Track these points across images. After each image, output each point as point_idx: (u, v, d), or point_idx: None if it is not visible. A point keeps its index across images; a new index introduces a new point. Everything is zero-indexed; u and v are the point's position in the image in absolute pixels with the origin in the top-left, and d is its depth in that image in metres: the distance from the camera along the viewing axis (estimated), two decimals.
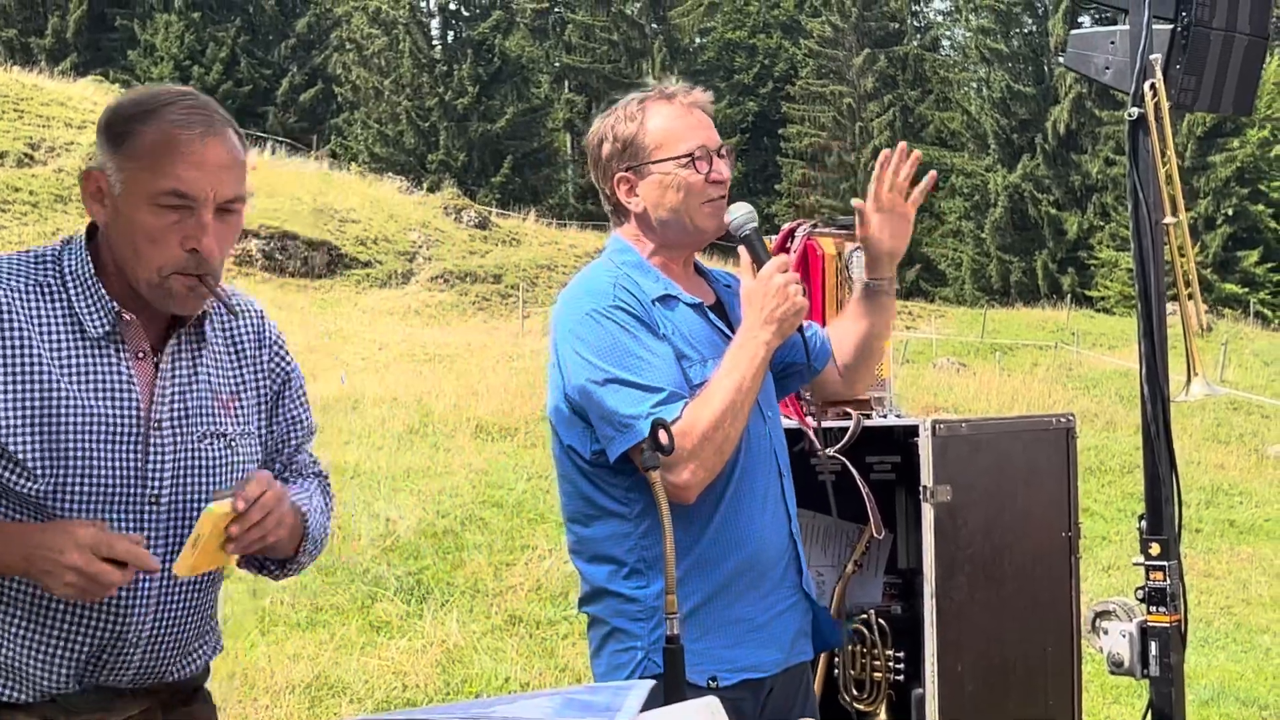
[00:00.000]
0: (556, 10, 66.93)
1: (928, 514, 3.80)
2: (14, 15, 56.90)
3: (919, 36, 68.19)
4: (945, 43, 70.65)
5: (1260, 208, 52.48)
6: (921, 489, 3.82)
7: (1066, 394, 25.83)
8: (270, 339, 2.96)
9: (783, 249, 4.06)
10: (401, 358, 23.80)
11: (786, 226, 4.03)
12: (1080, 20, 50.96)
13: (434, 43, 61.44)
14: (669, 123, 3.17)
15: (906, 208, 3.40)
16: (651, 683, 2.26)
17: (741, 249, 3.13)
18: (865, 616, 4.06)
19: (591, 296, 3.10)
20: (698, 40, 66.00)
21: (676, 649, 2.54)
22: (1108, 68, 4.51)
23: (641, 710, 2.13)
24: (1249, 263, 52.63)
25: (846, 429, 3.86)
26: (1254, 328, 46.18)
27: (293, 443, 3.03)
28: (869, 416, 3.96)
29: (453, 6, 62.68)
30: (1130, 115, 4.37)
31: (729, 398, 2.97)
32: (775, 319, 3.02)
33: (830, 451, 3.84)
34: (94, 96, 37.81)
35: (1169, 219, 4.38)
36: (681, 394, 3.01)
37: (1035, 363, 30.18)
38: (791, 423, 3.92)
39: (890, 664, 4.02)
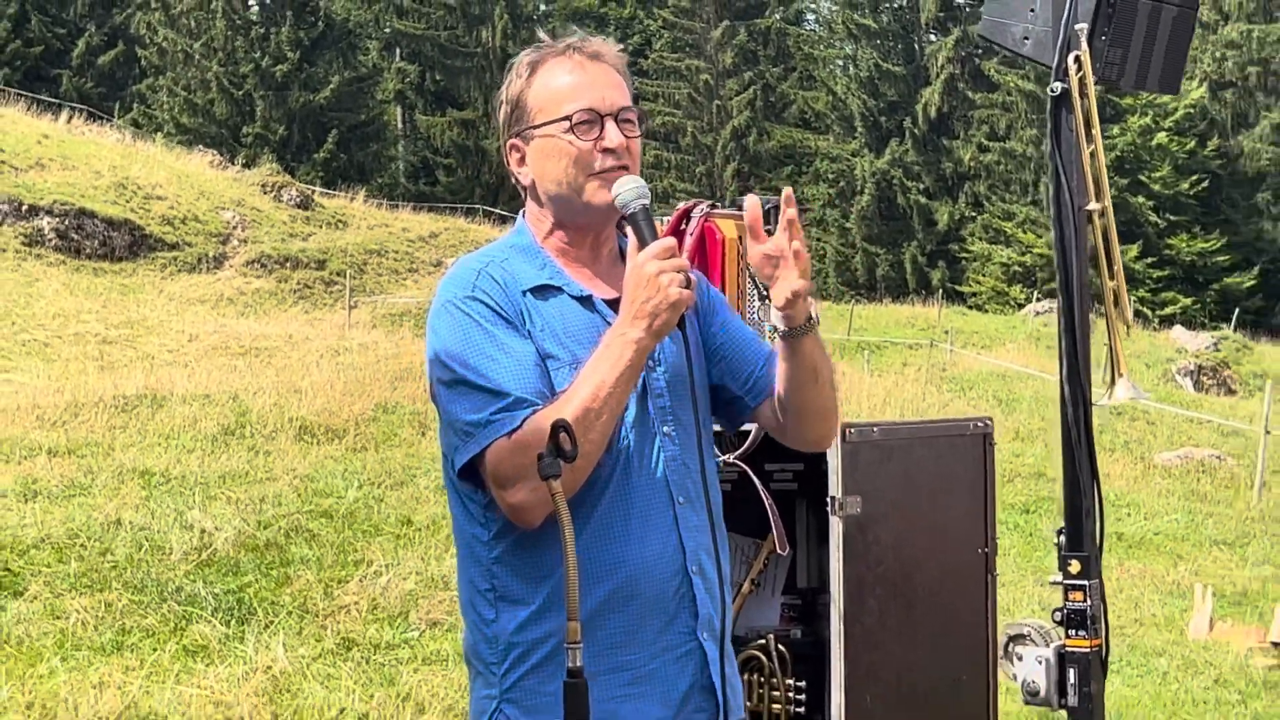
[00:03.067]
0: None
1: (835, 528, 3.76)
2: None
3: (782, 9, 68.54)
4: (810, 17, 71.39)
5: (1140, 200, 53.47)
6: (829, 500, 3.77)
7: (941, 396, 26.06)
8: None
9: (676, 232, 3.97)
10: (214, 350, 23.46)
11: (682, 206, 3.94)
12: None
13: (250, 2, 60.77)
14: (555, 80, 3.03)
15: (794, 259, 2.98)
16: None
17: (629, 230, 2.91)
18: (763, 642, 4.00)
19: (454, 285, 2.97)
20: (541, 7, 65.98)
21: (578, 683, 2.41)
22: (1026, 38, 4.49)
23: None
24: (1128, 258, 53.58)
25: (748, 434, 3.79)
26: (1134, 328, 47.12)
27: None
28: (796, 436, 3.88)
29: None
30: (1053, 91, 4.36)
31: (583, 405, 2.77)
32: (645, 314, 2.80)
33: (730, 458, 3.78)
34: None
35: (1093, 205, 4.37)
36: (530, 400, 2.83)
37: (906, 362, 30.55)
38: None
39: (790, 694, 3.97)
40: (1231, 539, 17.05)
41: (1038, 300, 46.31)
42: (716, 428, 3.61)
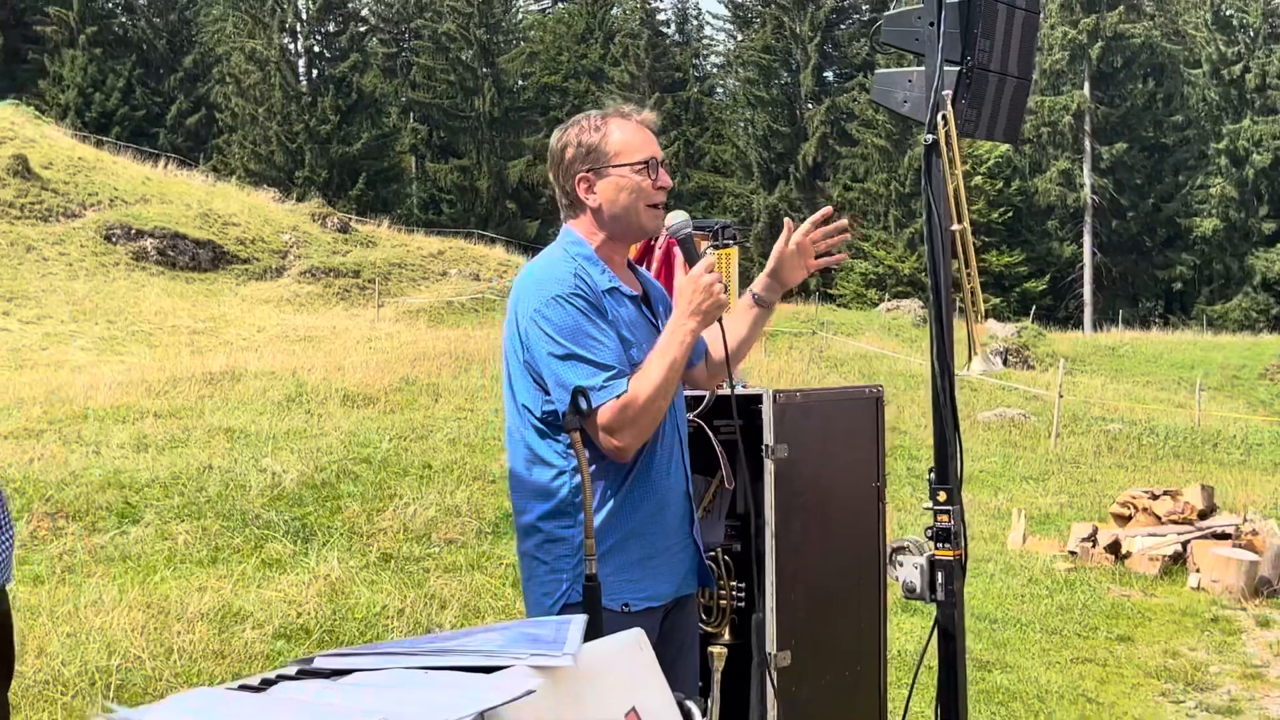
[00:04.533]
0: (403, 54, 66.01)
1: (769, 468, 3.73)
2: None
3: (699, 84, 68.60)
4: (719, 89, 71.22)
5: (974, 216, 53.85)
6: (764, 447, 3.74)
7: (819, 371, 26.14)
8: None
9: (647, 249, 3.93)
10: (276, 339, 23.28)
11: None
12: (876, 61, 51.46)
13: (301, 79, 60.19)
14: (627, 135, 3.16)
15: (811, 261, 3.47)
16: (585, 618, 2.12)
17: (677, 249, 3.23)
18: (713, 554, 3.95)
19: (556, 283, 3.04)
20: (520, 82, 65.56)
21: (595, 585, 2.44)
22: (906, 101, 4.44)
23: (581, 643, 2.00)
24: (952, 269, 53.72)
25: (703, 397, 3.75)
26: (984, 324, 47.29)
27: None
28: (720, 388, 3.85)
29: (317, 49, 61.41)
30: (926, 140, 4.31)
31: (664, 375, 2.98)
32: (701, 311, 3.00)
33: (690, 416, 3.73)
34: (10, 116, 36.40)
35: (955, 225, 4.34)
36: (627, 371, 3.00)
37: (792, 346, 30.51)
38: None
39: (734, 592, 3.93)
40: (1036, 475, 17.18)
41: (887, 300, 46.43)
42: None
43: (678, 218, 3.18)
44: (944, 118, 4.30)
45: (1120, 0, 58.75)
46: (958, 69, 4.37)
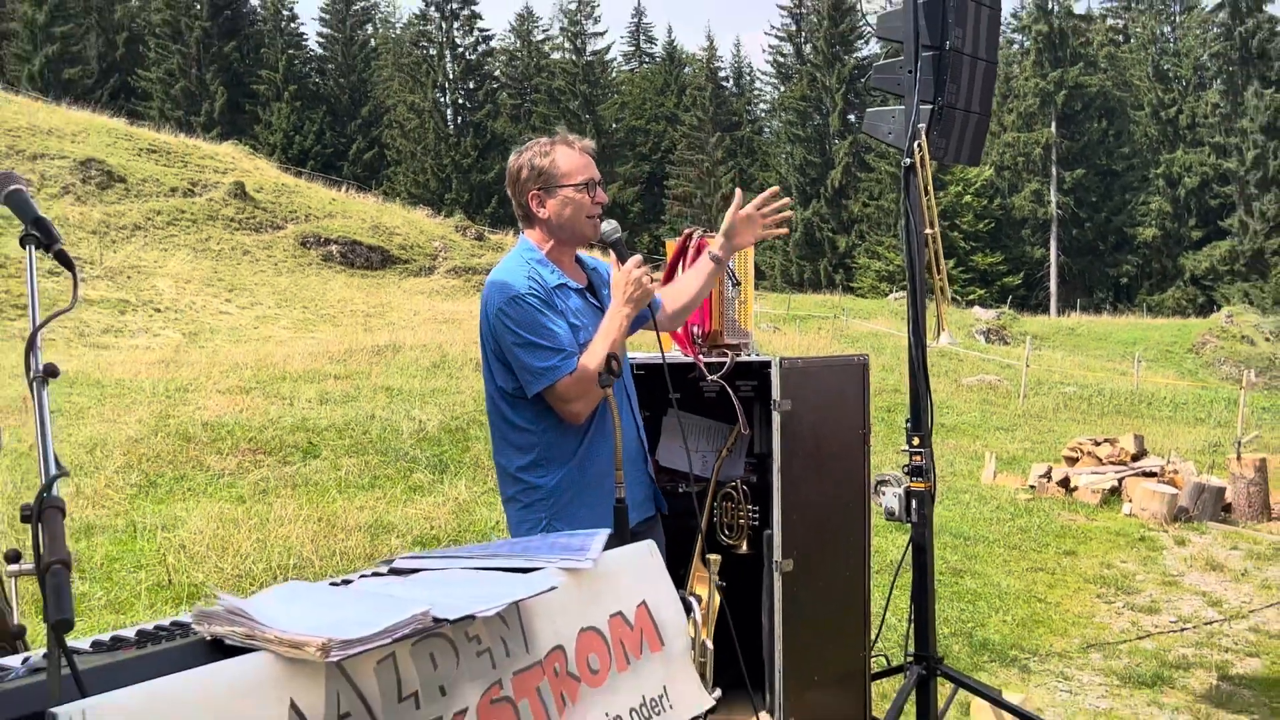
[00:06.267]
0: (525, 104, 66.01)
1: (776, 419, 3.64)
2: (181, 101, 55.52)
3: (750, 125, 67.86)
4: (766, 130, 70.28)
5: (955, 234, 52.66)
6: (773, 402, 3.65)
7: (840, 346, 25.86)
8: None
9: (683, 246, 3.86)
10: (428, 321, 23.40)
11: (686, 230, 3.83)
12: (868, 102, 50.92)
13: (449, 124, 60.53)
14: (571, 160, 2.99)
15: (759, 230, 3.29)
16: (608, 531, 2.08)
17: (611, 251, 2.97)
18: (734, 483, 3.89)
19: (513, 286, 2.88)
20: (614, 125, 65.35)
21: (623, 508, 2.33)
22: (890, 132, 4.34)
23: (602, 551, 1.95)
24: (949, 267, 52.27)
25: (724, 363, 3.68)
26: (950, 306, 46.62)
27: None
28: (739, 355, 3.78)
29: (460, 101, 61.69)
30: (905, 163, 4.21)
31: (605, 351, 2.82)
32: (633, 299, 2.88)
33: (714, 378, 3.67)
34: (232, 153, 36.99)
35: (928, 230, 4.22)
36: (576, 351, 2.85)
37: (819, 328, 30.15)
38: (688, 359, 3.77)
39: (750, 514, 3.87)
40: (1006, 426, 16.86)
41: (895, 292, 45.78)
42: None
43: (608, 225, 3.00)
44: (919, 145, 4.20)
45: (1080, 57, 57.91)
46: (930, 107, 4.26)
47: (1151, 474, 10.63)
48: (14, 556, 1.56)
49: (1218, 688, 5.33)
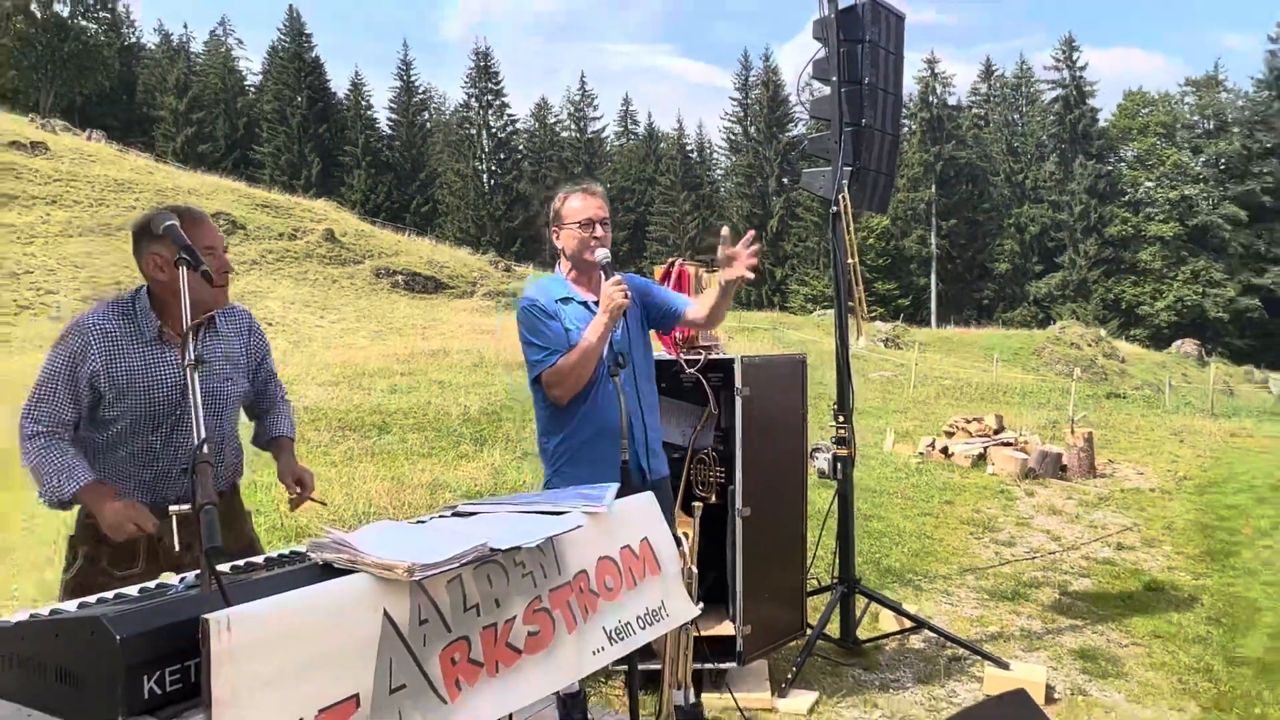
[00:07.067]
0: (542, 169, 65.54)
1: (739, 403, 3.62)
2: (286, 169, 55.15)
3: (710, 185, 67.18)
4: (722, 189, 69.46)
5: (863, 266, 52.88)
6: (736, 389, 3.63)
7: (779, 350, 25.79)
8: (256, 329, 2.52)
9: (667, 272, 3.82)
10: (469, 332, 23.26)
11: (668, 260, 3.80)
12: (799, 168, 51.03)
13: (485, 185, 60.29)
14: (575, 203, 2.94)
15: (740, 265, 2.93)
16: (618, 484, 2.05)
17: (601, 273, 2.88)
18: (706, 451, 3.86)
19: (526, 298, 2.91)
20: (609, 185, 64.92)
21: (628, 469, 2.31)
22: (821, 187, 4.32)
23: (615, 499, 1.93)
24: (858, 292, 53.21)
25: (699, 359, 3.65)
26: (865, 320, 46.59)
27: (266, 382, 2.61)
28: (710, 354, 3.75)
29: (494, 168, 61.49)
30: (833, 209, 4.20)
31: (581, 351, 2.76)
32: (608, 310, 2.74)
33: (690, 371, 3.64)
34: (324, 207, 36.74)
35: (850, 260, 4.21)
36: (562, 350, 2.79)
37: (762, 337, 30.14)
38: (670, 356, 3.73)
39: (718, 474, 3.84)
40: (902, 409, 16.87)
41: (820, 310, 45.82)
42: (660, 355, 3.56)
43: (601, 253, 2.90)
44: (843, 196, 4.18)
45: (953, 136, 58.27)
46: (850, 168, 4.25)
47: (1008, 444, 10.65)
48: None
49: (1060, 600, 5.34)
